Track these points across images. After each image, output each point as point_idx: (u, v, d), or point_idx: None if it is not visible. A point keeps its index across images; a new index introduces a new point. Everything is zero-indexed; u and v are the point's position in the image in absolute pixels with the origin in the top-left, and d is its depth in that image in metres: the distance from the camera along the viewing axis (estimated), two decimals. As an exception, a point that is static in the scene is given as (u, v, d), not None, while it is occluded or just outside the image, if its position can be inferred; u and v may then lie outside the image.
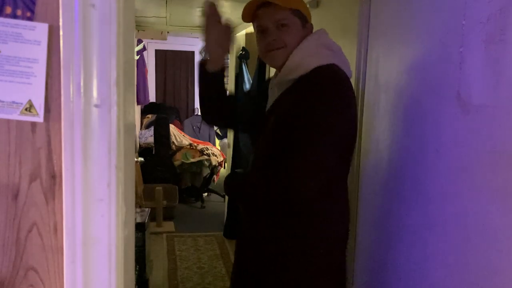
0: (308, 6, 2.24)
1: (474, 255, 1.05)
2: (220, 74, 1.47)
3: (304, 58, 1.28)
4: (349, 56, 1.80)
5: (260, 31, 1.35)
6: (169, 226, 4.41)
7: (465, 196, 1.08)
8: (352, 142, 1.32)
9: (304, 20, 1.34)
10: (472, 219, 1.05)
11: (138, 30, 4.28)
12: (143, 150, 5.44)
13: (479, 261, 1.03)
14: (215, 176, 5.48)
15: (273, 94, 1.39)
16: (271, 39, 1.31)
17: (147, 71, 6.14)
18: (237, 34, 4.32)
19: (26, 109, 0.77)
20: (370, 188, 1.64)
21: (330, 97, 1.21)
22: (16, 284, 0.81)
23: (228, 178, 1.39)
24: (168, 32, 5.05)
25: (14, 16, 0.76)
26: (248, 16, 1.37)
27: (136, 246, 1.16)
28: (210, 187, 5.50)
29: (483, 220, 1.02)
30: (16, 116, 0.77)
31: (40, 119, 0.78)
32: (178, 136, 5.59)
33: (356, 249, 1.74)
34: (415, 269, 1.30)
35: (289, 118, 1.23)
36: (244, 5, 1.34)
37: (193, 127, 6.57)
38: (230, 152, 4.41)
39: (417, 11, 1.32)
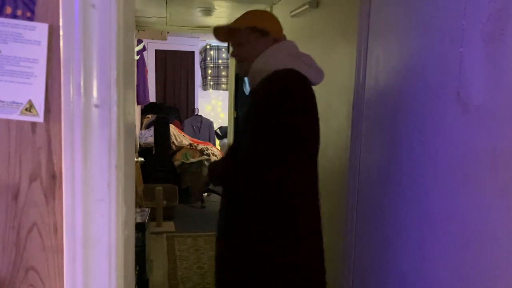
0: (308, 6, 2.25)
1: (473, 254, 1.05)
2: None
3: (265, 65, 1.44)
4: (349, 56, 1.80)
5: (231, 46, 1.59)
6: (169, 226, 4.41)
7: (465, 196, 1.08)
8: (307, 139, 1.41)
9: (264, 32, 1.49)
10: (472, 218, 1.05)
11: (138, 30, 4.29)
12: (143, 150, 5.44)
13: (479, 260, 1.03)
14: (215, 176, 5.46)
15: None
16: (235, 53, 1.55)
17: (147, 71, 6.14)
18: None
19: (26, 109, 0.77)
20: (370, 187, 1.64)
21: (275, 96, 1.35)
22: (16, 284, 0.81)
23: (210, 165, 1.61)
24: (168, 32, 5.06)
25: (14, 16, 0.76)
26: (221, 38, 1.61)
27: (136, 246, 1.16)
28: (210, 187, 5.50)
29: (482, 219, 1.02)
30: (16, 116, 0.78)
31: (40, 119, 0.78)
32: (178, 136, 5.59)
33: (355, 248, 1.74)
34: (414, 268, 1.30)
35: (246, 116, 1.43)
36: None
37: (193, 127, 6.57)
38: (230, 152, 4.40)
39: (417, 11, 1.32)
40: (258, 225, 1.44)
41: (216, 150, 5.61)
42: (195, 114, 7.17)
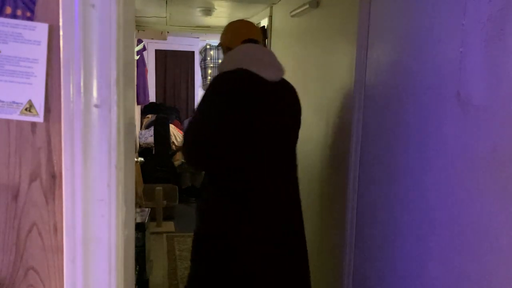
0: (308, 6, 2.25)
1: (474, 254, 1.05)
2: None
3: (219, 69, 1.80)
4: (349, 56, 1.80)
5: None
6: (169, 226, 4.41)
7: (465, 196, 1.08)
8: (238, 129, 1.65)
9: (225, 47, 1.94)
10: (473, 219, 1.05)
11: (138, 30, 4.28)
12: (143, 150, 5.44)
13: (479, 260, 1.03)
14: (215, 176, 5.46)
15: None
16: None
17: (147, 71, 6.14)
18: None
19: (26, 109, 0.77)
20: (370, 187, 1.64)
21: (211, 90, 1.69)
22: (16, 284, 0.81)
23: None
24: (168, 32, 5.05)
25: (14, 16, 0.76)
26: None
27: (136, 246, 1.16)
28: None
29: (483, 220, 1.02)
30: (16, 116, 0.78)
31: (40, 119, 0.78)
32: (178, 136, 5.59)
33: (354, 247, 1.74)
34: (415, 268, 1.30)
35: None
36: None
37: (193, 127, 6.55)
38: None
39: (417, 11, 1.32)
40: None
41: (216, 150, 5.59)
42: (195, 114, 7.15)
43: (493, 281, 0.99)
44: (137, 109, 5.88)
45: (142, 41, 5.31)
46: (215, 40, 7.11)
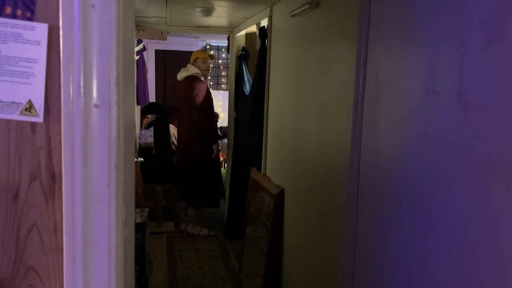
0: (308, 6, 2.25)
1: (477, 257, 1.04)
2: None
3: None
4: (349, 56, 1.80)
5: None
6: (169, 226, 4.41)
7: (467, 197, 1.08)
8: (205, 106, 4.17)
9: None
10: (474, 220, 1.05)
11: (138, 30, 4.28)
12: (143, 150, 5.43)
13: (483, 264, 1.03)
14: (215, 176, 5.45)
15: None
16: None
17: (147, 71, 6.14)
18: (237, 34, 4.32)
19: (26, 109, 0.77)
20: (370, 189, 1.64)
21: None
22: (16, 284, 0.81)
23: None
24: (168, 32, 5.05)
25: (14, 16, 0.76)
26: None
27: (136, 246, 1.16)
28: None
29: (484, 222, 1.01)
30: (16, 116, 0.78)
31: (40, 119, 0.78)
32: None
33: (355, 249, 1.74)
34: (415, 271, 1.30)
35: None
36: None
37: (193, 127, 6.55)
38: (230, 152, 4.41)
39: (417, 11, 1.32)
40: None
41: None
42: (195, 114, 7.14)
43: (494, 284, 0.99)
44: (137, 109, 5.87)
45: (142, 41, 5.31)
46: (215, 40, 7.10)
